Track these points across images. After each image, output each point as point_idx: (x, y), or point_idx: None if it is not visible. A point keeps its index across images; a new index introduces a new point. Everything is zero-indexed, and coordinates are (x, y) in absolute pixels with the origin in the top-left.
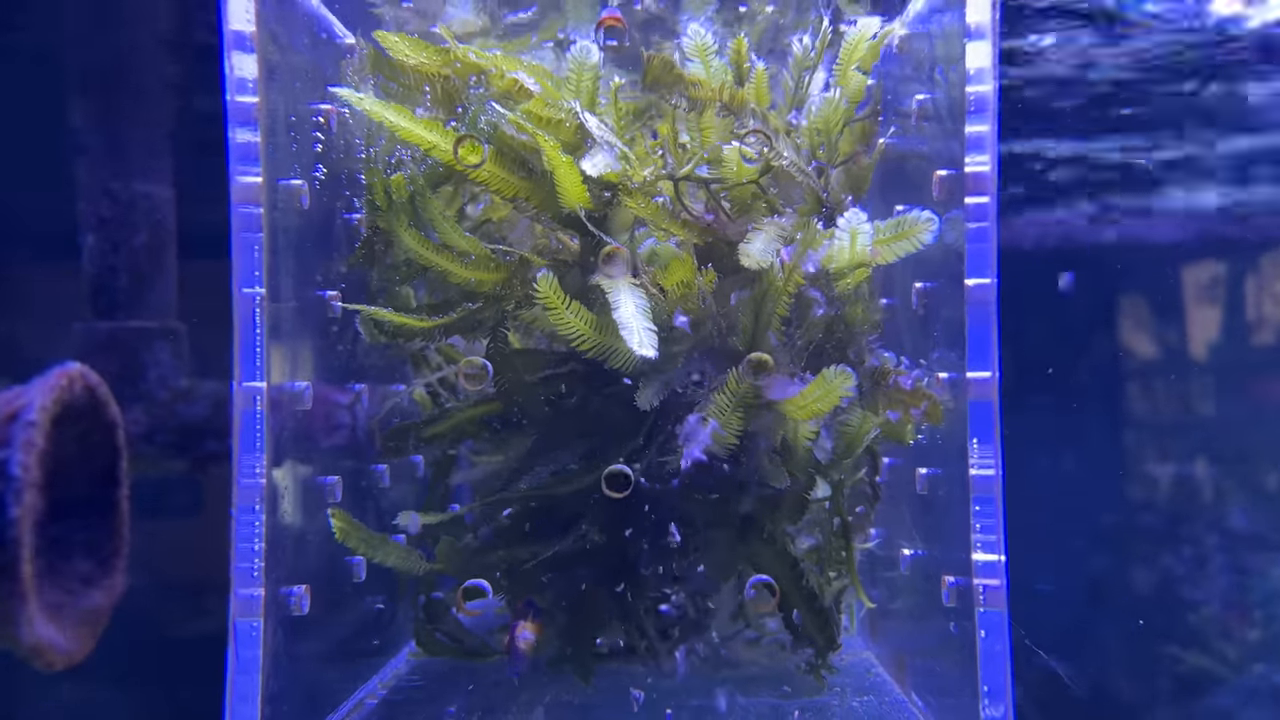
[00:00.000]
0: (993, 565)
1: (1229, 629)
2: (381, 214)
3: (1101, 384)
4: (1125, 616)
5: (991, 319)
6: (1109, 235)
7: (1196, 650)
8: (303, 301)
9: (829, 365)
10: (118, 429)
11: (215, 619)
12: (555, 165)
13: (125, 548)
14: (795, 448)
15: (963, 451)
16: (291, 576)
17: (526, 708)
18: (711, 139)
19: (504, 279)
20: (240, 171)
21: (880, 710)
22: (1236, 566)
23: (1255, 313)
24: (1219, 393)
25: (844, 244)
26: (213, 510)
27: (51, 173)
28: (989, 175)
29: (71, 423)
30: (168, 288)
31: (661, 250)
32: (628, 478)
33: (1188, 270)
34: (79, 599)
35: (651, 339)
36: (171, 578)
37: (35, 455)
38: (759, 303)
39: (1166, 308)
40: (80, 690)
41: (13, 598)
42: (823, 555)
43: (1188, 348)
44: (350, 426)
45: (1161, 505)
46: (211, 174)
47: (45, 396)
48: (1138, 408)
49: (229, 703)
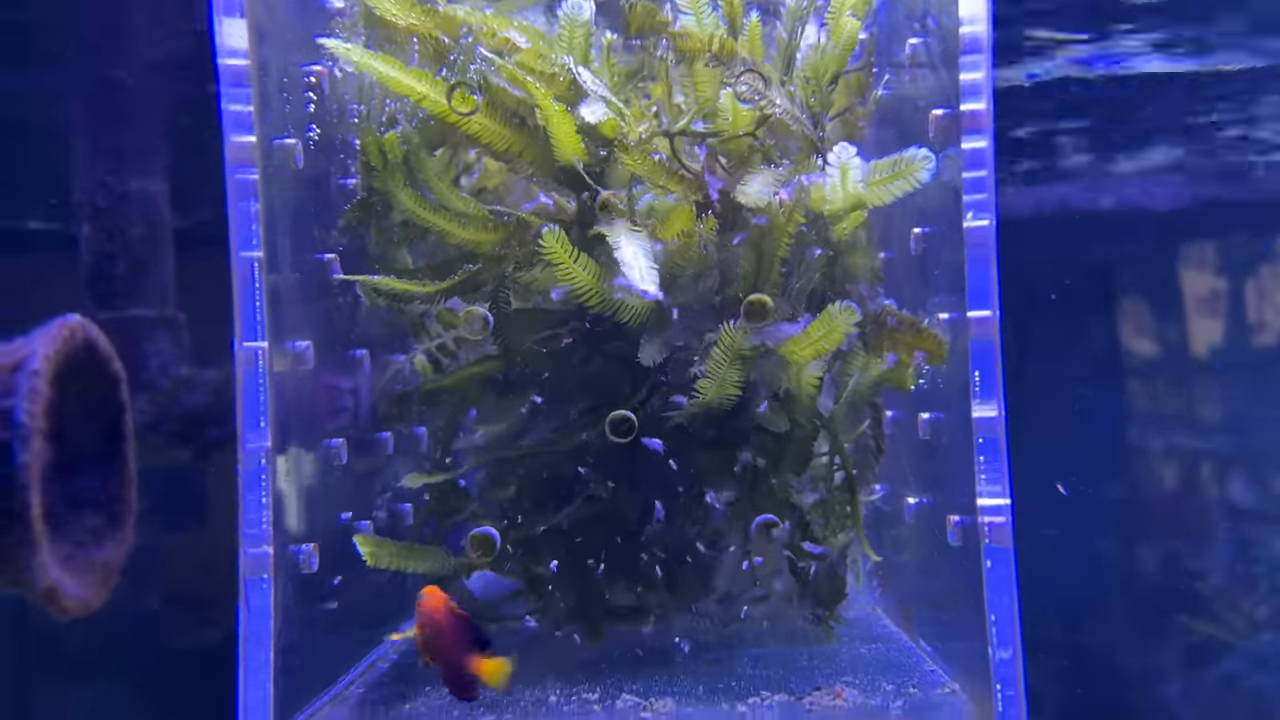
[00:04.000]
0: (998, 506)
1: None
2: (377, 174)
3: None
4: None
5: (991, 258)
6: (1108, 199)
7: (1205, 619)
8: (301, 263)
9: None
10: (121, 384)
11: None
12: (549, 116)
13: (133, 502)
14: (799, 396)
15: (965, 393)
16: (299, 536)
17: (537, 668)
18: (705, 91)
19: (502, 239)
20: (234, 131)
21: (888, 655)
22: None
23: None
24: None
25: (835, 181)
26: (217, 516)
27: (47, 164)
28: (985, 113)
29: (74, 377)
30: (165, 277)
31: (659, 205)
32: (631, 424)
33: (1189, 235)
34: (89, 551)
35: (654, 275)
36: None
37: (40, 403)
38: (759, 244)
39: (1168, 276)
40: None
41: (25, 544)
42: (827, 510)
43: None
44: (353, 410)
45: (1166, 479)
46: (204, 169)
47: (48, 346)
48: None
49: (242, 650)
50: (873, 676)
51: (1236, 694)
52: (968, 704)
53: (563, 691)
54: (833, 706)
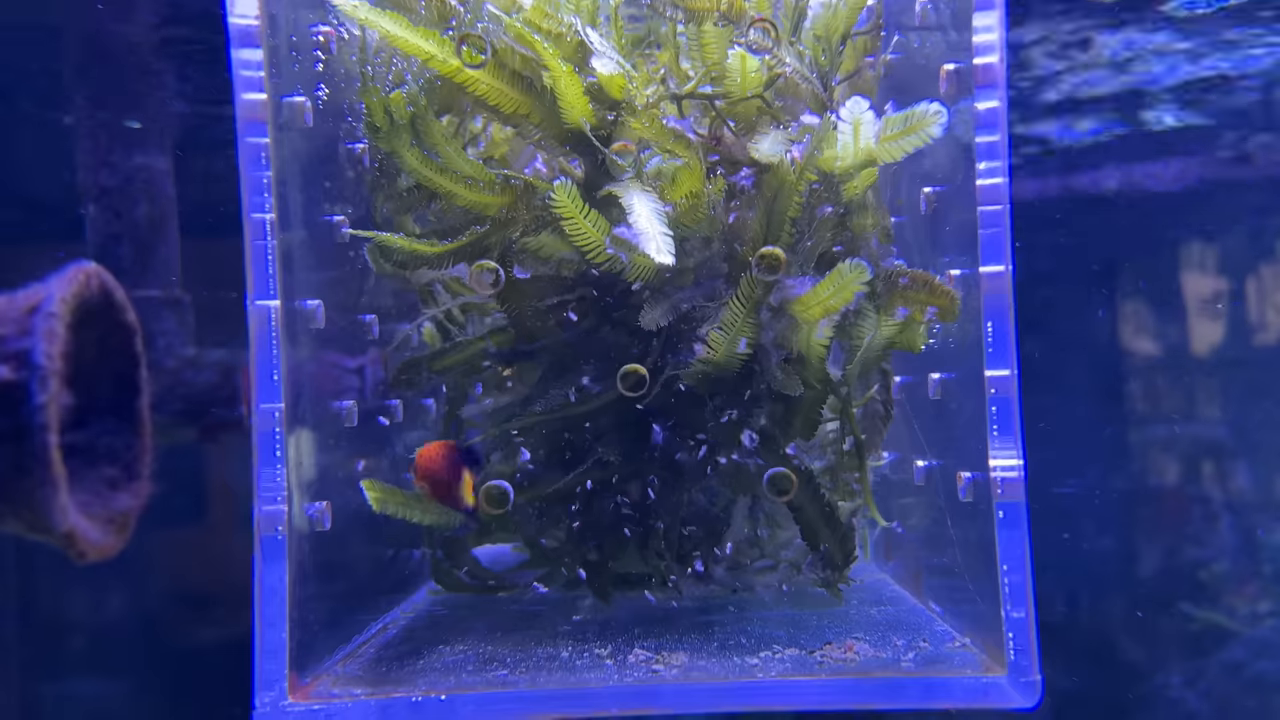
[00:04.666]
0: (1010, 464)
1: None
2: (382, 134)
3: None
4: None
5: (1005, 212)
6: (1111, 180)
7: (1208, 606)
8: (310, 224)
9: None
10: (136, 335)
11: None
12: (557, 76)
13: (149, 453)
14: (808, 357)
15: (977, 352)
16: (312, 494)
17: (546, 627)
18: (713, 53)
19: (510, 203)
20: (245, 89)
21: (899, 615)
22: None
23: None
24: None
25: (848, 138)
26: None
27: (52, 144)
28: (998, 67)
29: (90, 326)
30: (171, 257)
31: (667, 167)
32: (643, 379)
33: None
34: (106, 500)
35: (669, 244)
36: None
37: (58, 345)
38: (770, 203)
39: (1170, 255)
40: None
41: (45, 485)
42: (836, 475)
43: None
44: (359, 389)
45: (1170, 463)
46: (209, 148)
47: (64, 289)
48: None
49: (259, 596)
50: (883, 633)
51: (1239, 681)
52: (979, 655)
53: (575, 648)
54: (844, 658)
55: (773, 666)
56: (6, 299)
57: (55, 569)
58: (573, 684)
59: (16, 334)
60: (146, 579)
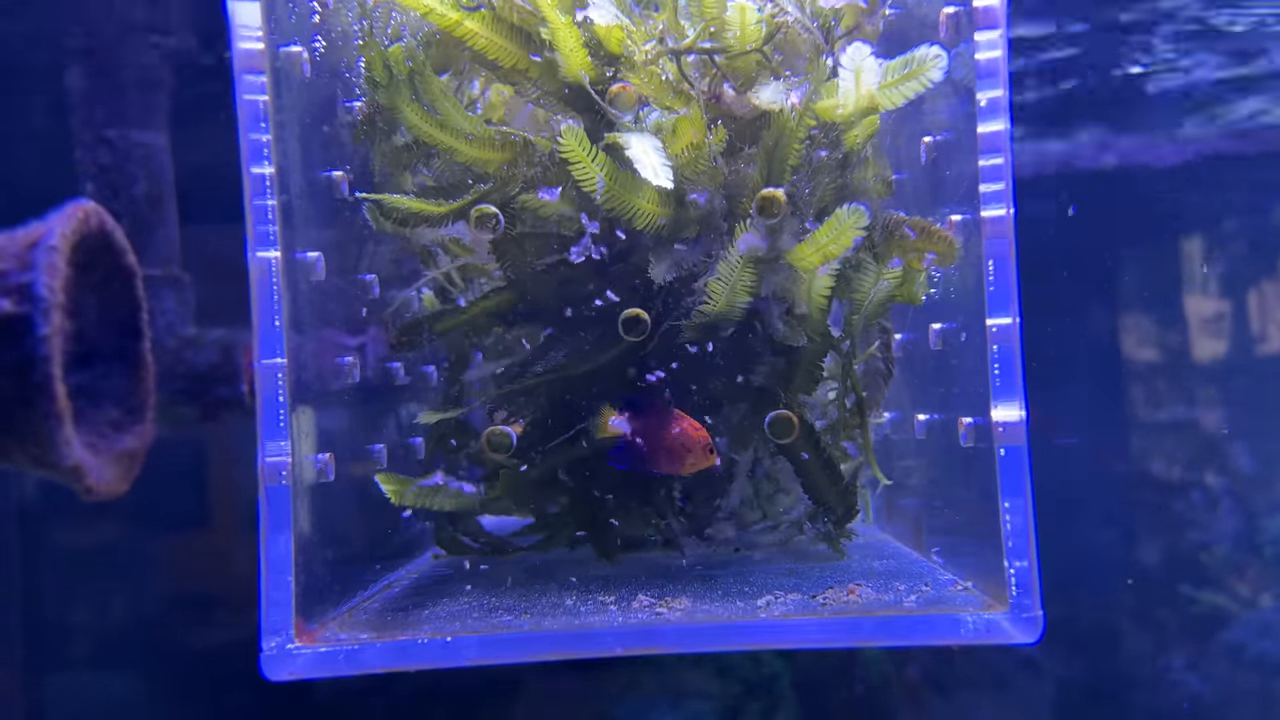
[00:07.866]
0: (1012, 412)
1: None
2: (381, 89)
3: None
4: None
5: (1006, 157)
6: (1110, 157)
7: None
8: (309, 179)
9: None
10: (136, 278)
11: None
12: (555, 28)
13: (151, 396)
14: (809, 310)
15: (978, 300)
16: (315, 445)
17: (551, 580)
18: (711, 7)
19: (510, 158)
20: (242, 39)
21: (901, 567)
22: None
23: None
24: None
25: (849, 85)
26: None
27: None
28: (998, 9)
29: (91, 270)
30: (170, 236)
31: (667, 120)
32: (645, 324)
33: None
34: (111, 442)
35: (667, 171)
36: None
37: (59, 278)
38: (770, 150)
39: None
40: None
41: (50, 418)
42: (837, 434)
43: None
44: (358, 367)
45: (1169, 449)
46: (206, 126)
47: (64, 225)
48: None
49: (264, 542)
50: (886, 580)
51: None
52: (982, 596)
53: (579, 597)
54: (847, 601)
55: (775, 609)
56: (7, 235)
57: (57, 566)
58: (577, 625)
59: (18, 268)
60: (145, 578)
